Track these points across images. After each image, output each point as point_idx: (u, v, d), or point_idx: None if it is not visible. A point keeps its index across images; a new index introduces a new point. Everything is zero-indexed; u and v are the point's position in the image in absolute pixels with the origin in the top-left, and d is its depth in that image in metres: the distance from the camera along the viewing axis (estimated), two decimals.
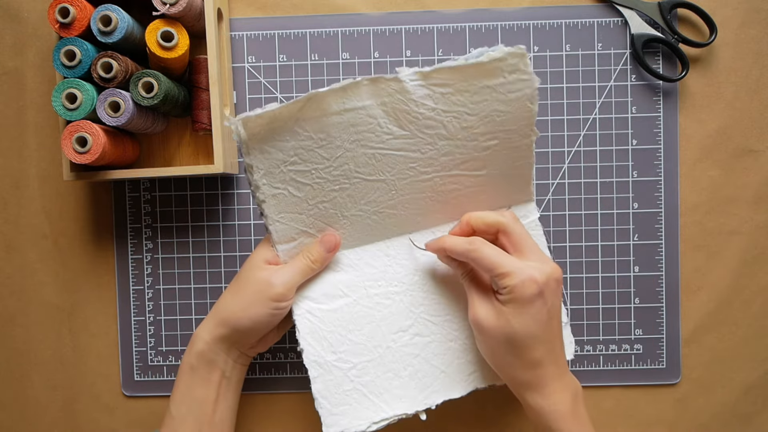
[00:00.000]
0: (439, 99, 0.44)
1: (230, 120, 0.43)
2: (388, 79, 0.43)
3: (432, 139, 0.46)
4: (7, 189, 0.56)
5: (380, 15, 0.55)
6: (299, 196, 0.46)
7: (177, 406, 0.47)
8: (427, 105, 0.44)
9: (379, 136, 0.45)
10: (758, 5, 0.54)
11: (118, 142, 0.49)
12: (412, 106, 0.44)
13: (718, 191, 0.55)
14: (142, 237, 0.56)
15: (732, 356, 0.55)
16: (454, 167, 0.47)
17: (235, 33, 0.55)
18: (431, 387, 0.48)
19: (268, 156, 0.44)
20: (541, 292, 0.42)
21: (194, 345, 0.47)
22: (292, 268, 0.47)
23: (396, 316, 0.49)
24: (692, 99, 0.55)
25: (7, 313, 0.56)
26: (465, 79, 0.44)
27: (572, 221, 0.55)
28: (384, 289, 0.49)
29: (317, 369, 0.47)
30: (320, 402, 0.47)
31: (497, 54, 0.43)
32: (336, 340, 0.48)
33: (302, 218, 0.47)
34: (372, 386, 0.48)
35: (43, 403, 0.57)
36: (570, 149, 0.55)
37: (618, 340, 0.55)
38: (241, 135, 0.43)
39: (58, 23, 0.47)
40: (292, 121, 0.43)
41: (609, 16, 0.55)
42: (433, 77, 0.43)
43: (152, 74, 0.47)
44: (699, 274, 0.55)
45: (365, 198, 0.47)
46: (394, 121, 0.45)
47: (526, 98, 0.45)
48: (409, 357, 0.48)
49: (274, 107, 0.42)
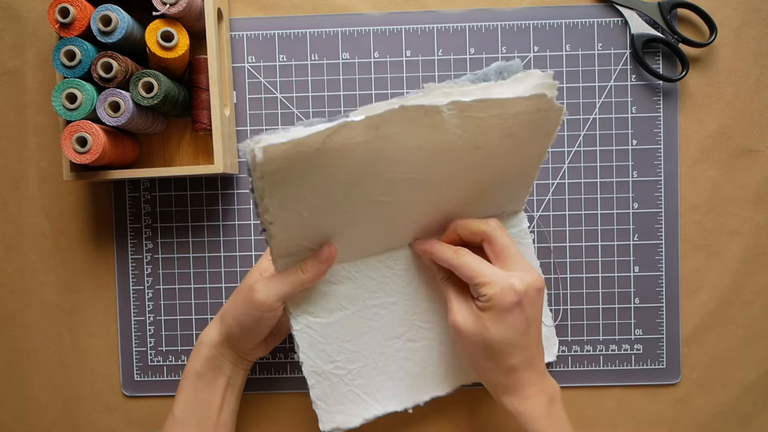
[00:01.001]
0: (469, 125, 0.41)
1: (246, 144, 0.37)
2: (426, 108, 0.39)
3: (451, 162, 0.43)
4: (7, 189, 0.56)
5: (380, 15, 0.55)
6: (307, 217, 0.43)
7: (181, 410, 0.48)
8: (457, 132, 0.41)
9: (403, 159, 0.42)
10: (758, 5, 0.54)
11: (118, 142, 0.49)
12: (441, 133, 0.41)
13: (718, 191, 0.55)
14: (142, 237, 0.56)
15: (732, 356, 0.55)
16: (461, 183, 0.46)
17: (235, 33, 0.55)
18: (420, 387, 0.50)
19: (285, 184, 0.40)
20: (519, 302, 0.43)
21: (201, 351, 0.48)
22: (281, 279, 0.45)
23: (391, 325, 0.50)
24: (692, 99, 0.55)
25: (7, 313, 0.56)
26: (501, 107, 0.41)
27: (572, 221, 0.55)
28: (381, 300, 0.49)
29: (315, 378, 0.49)
30: (317, 404, 0.49)
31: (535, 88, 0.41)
32: (333, 351, 0.49)
33: (306, 234, 0.45)
34: (366, 387, 0.50)
35: (43, 403, 0.57)
36: (570, 149, 0.55)
37: (618, 340, 0.55)
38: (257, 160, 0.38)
39: (58, 23, 0.47)
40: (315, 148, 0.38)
41: (609, 16, 0.55)
42: (470, 108, 0.40)
43: (152, 74, 0.47)
44: (699, 274, 0.55)
45: (374, 216, 0.46)
46: (419, 145, 0.41)
47: (552, 126, 0.44)
48: (402, 361, 0.50)
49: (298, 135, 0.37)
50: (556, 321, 0.55)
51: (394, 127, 0.39)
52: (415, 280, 0.50)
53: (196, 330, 0.56)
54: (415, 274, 0.50)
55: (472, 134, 0.42)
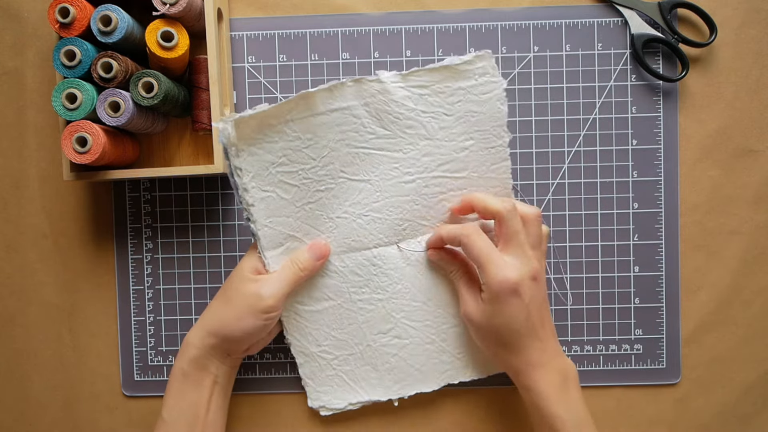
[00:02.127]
0: (418, 100, 0.48)
1: (221, 121, 0.43)
2: (371, 80, 0.47)
3: (413, 139, 0.49)
4: (7, 189, 0.56)
5: (380, 15, 0.55)
6: (287, 199, 0.48)
7: (169, 411, 0.48)
8: (407, 105, 0.48)
9: (363, 135, 0.48)
10: (758, 5, 0.54)
11: (118, 142, 0.49)
12: (393, 107, 0.48)
13: (718, 191, 0.55)
14: (142, 237, 0.56)
15: (732, 356, 0.55)
16: (435, 168, 0.50)
17: (235, 33, 0.55)
18: (405, 381, 0.53)
19: (258, 158, 0.46)
20: (515, 291, 0.45)
21: (186, 351, 0.48)
22: (281, 279, 0.48)
23: (377, 320, 0.52)
24: (692, 99, 0.55)
25: (7, 313, 0.56)
26: (440, 80, 0.48)
27: (572, 221, 0.55)
28: (368, 296, 0.52)
29: (303, 357, 0.53)
30: (306, 381, 0.53)
31: (467, 57, 0.48)
32: (320, 336, 0.52)
33: (290, 221, 0.48)
34: (352, 375, 0.53)
35: (43, 403, 0.57)
36: (570, 149, 0.55)
37: (618, 340, 0.55)
38: (231, 137, 0.44)
39: (58, 23, 0.47)
40: (281, 122, 0.46)
41: (609, 16, 0.55)
42: (410, 79, 0.48)
43: (152, 74, 0.47)
44: (699, 274, 0.55)
45: (350, 199, 0.49)
46: (376, 121, 0.48)
47: (496, 99, 0.49)
48: (388, 355, 0.53)
49: (264, 108, 0.44)
50: (569, 303, 0.55)
51: (348, 101, 0.47)
52: (403, 279, 0.52)
53: None
54: (404, 274, 0.51)
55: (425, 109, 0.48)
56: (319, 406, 0.53)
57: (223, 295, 0.49)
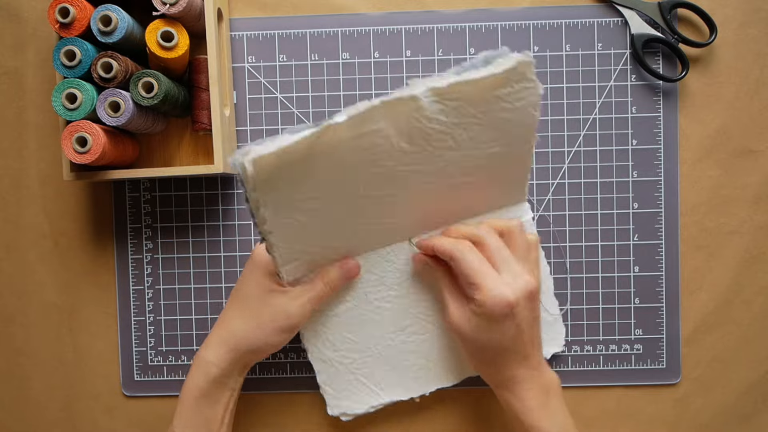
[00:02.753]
0: (451, 112, 0.42)
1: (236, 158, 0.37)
2: (405, 99, 0.40)
3: (440, 152, 0.44)
4: (7, 189, 0.56)
5: (380, 15, 0.55)
6: (305, 222, 0.43)
7: (183, 427, 0.46)
8: (439, 119, 0.42)
9: (392, 155, 0.42)
10: (758, 5, 0.54)
11: (118, 142, 0.49)
12: (425, 123, 0.42)
13: (718, 191, 0.55)
14: (142, 237, 0.56)
15: (732, 356, 0.55)
16: (456, 174, 0.46)
17: (235, 33, 0.55)
18: (425, 377, 0.52)
19: (278, 192, 0.40)
20: (510, 312, 0.43)
21: (205, 370, 0.46)
22: (310, 297, 0.46)
23: (395, 318, 0.51)
24: (692, 99, 0.55)
25: (7, 313, 0.56)
26: (477, 90, 0.42)
27: (572, 221, 0.55)
28: (383, 294, 0.51)
29: (321, 364, 0.52)
30: (325, 389, 0.52)
31: (509, 63, 0.41)
32: (337, 340, 0.51)
33: (305, 239, 0.45)
34: (371, 377, 0.52)
35: (43, 403, 0.57)
36: (570, 149, 0.55)
37: (618, 340, 0.55)
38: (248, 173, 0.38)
39: (58, 23, 0.47)
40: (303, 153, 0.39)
41: (609, 16, 0.55)
42: (447, 93, 0.41)
43: (152, 74, 0.47)
44: (699, 274, 0.55)
45: (372, 212, 0.46)
46: (406, 138, 0.42)
47: (531, 105, 0.44)
48: (406, 353, 0.52)
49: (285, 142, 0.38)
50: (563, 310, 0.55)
51: (378, 123, 0.40)
52: (417, 273, 0.51)
53: (197, 330, 0.56)
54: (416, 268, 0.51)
55: (457, 120, 0.43)
56: (340, 413, 0.52)
57: (242, 305, 0.47)
